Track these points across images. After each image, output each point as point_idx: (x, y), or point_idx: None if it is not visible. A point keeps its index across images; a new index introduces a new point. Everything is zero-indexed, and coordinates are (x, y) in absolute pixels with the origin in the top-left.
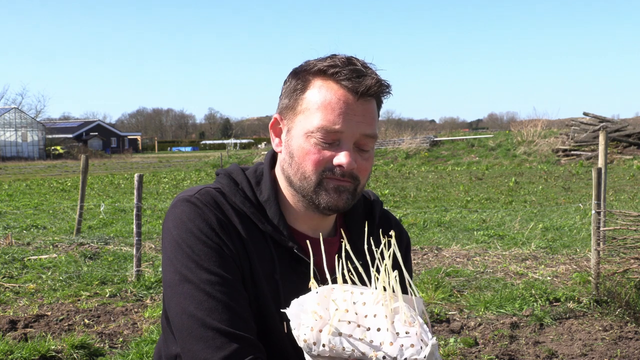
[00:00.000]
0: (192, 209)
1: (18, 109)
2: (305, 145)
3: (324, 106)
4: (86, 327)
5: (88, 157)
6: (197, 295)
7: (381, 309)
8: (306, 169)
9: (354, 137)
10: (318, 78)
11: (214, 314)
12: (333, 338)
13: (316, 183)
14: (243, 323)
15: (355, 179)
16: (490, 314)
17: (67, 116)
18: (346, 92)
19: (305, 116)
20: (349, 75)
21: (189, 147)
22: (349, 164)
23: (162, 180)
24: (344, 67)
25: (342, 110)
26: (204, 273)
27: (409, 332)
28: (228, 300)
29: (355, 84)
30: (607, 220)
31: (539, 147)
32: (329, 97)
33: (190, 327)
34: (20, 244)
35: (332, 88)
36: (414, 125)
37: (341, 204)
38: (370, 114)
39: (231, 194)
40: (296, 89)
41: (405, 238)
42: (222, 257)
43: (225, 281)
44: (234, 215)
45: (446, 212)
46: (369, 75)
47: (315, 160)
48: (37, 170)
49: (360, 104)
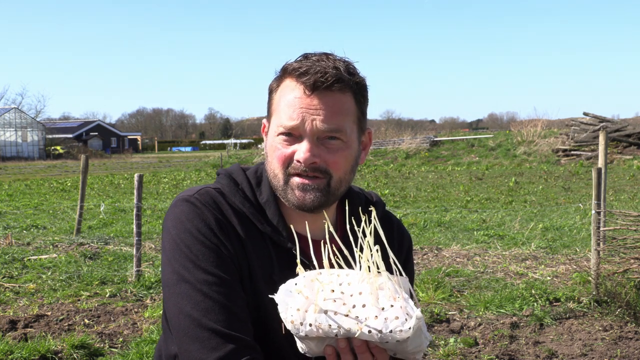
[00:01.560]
0: (191, 209)
1: (18, 109)
2: (273, 143)
3: (284, 104)
4: (86, 327)
5: (88, 157)
6: (193, 295)
7: (366, 287)
8: (274, 166)
9: (313, 131)
10: (286, 77)
11: (210, 315)
12: (319, 316)
13: (284, 180)
14: (239, 324)
15: (325, 172)
16: (490, 314)
17: (67, 116)
18: (302, 87)
19: (275, 117)
20: (306, 70)
21: (189, 147)
22: (306, 159)
23: (162, 180)
24: (301, 63)
25: (297, 106)
26: (202, 273)
27: (394, 305)
28: (225, 300)
29: (307, 79)
30: (607, 220)
31: (539, 147)
32: (287, 94)
33: (187, 327)
34: (20, 244)
35: (290, 86)
36: (414, 125)
37: (308, 202)
38: (332, 106)
39: (231, 194)
40: (271, 91)
41: (407, 241)
42: (220, 258)
43: (222, 282)
44: (233, 216)
45: (446, 212)
46: (321, 69)
47: (279, 156)
48: (37, 170)
49: (316, 98)
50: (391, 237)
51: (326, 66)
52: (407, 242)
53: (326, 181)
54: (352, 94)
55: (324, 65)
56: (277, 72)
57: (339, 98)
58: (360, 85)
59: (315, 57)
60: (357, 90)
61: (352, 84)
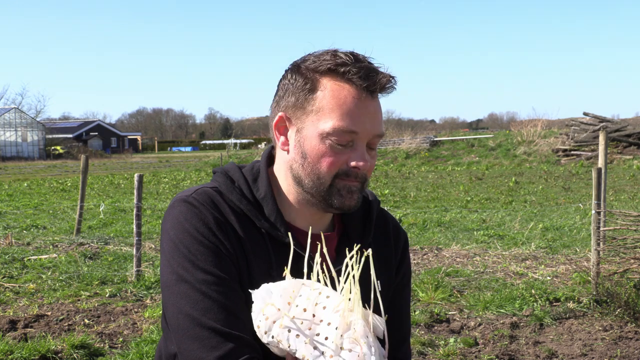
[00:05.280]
0: (189, 209)
1: (18, 109)
2: (320, 146)
3: (338, 106)
4: (86, 327)
5: (88, 157)
6: (193, 295)
7: (336, 319)
8: (321, 170)
9: (368, 137)
10: (327, 77)
11: (209, 314)
12: (282, 332)
13: (330, 184)
14: (239, 322)
15: (364, 177)
16: (490, 314)
17: (67, 116)
18: (360, 91)
19: (318, 117)
20: (361, 73)
21: (189, 147)
22: (365, 167)
23: (162, 180)
24: (353, 64)
25: (357, 111)
26: (200, 273)
27: (353, 350)
28: (224, 300)
29: (370, 83)
30: (607, 220)
31: (539, 147)
32: (343, 97)
33: (186, 327)
34: (20, 244)
35: (344, 88)
36: (414, 125)
37: (353, 203)
38: (380, 111)
39: (227, 192)
40: (304, 88)
41: (403, 238)
42: (219, 257)
43: (221, 281)
44: (230, 214)
45: (446, 212)
46: (380, 72)
47: (331, 162)
48: (37, 170)
49: (373, 103)
50: (387, 235)
51: (381, 70)
52: (403, 240)
53: (362, 184)
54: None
55: (379, 69)
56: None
57: (379, 103)
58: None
59: (358, 57)
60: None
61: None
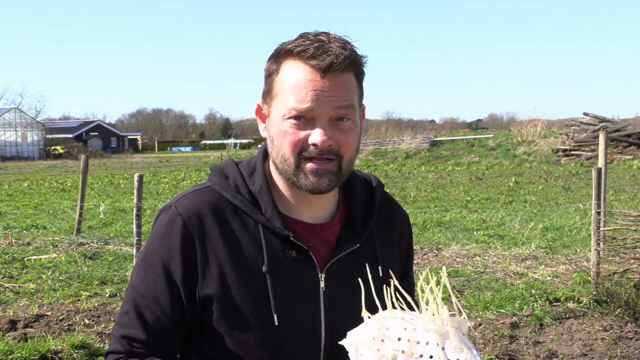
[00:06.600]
0: (164, 224)
1: (18, 109)
2: (282, 127)
3: (293, 87)
4: (86, 327)
5: (88, 157)
6: (130, 305)
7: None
8: (285, 151)
9: (327, 113)
10: (288, 59)
11: (130, 329)
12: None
13: (295, 165)
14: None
15: (337, 155)
16: (490, 314)
17: (67, 116)
18: (312, 69)
19: (280, 99)
20: (314, 52)
21: (189, 147)
22: (323, 142)
23: (162, 180)
24: (310, 45)
25: (310, 88)
26: (148, 289)
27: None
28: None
29: (320, 61)
30: (607, 220)
31: (539, 147)
32: (296, 76)
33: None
34: (20, 244)
35: (299, 67)
36: (414, 125)
37: (323, 186)
38: (343, 86)
39: (222, 190)
40: (270, 73)
41: (407, 220)
42: (171, 283)
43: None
44: (222, 213)
45: (446, 212)
46: (332, 50)
47: (292, 141)
48: (37, 170)
49: (328, 80)
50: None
51: (335, 47)
52: (407, 223)
53: (338, 163)
54: (354, 72)
55: (333, 46)
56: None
57: (347, 78)
58: (362, 62)
59: (320, 37)
60: (358, 67)
61: (356, 63)
